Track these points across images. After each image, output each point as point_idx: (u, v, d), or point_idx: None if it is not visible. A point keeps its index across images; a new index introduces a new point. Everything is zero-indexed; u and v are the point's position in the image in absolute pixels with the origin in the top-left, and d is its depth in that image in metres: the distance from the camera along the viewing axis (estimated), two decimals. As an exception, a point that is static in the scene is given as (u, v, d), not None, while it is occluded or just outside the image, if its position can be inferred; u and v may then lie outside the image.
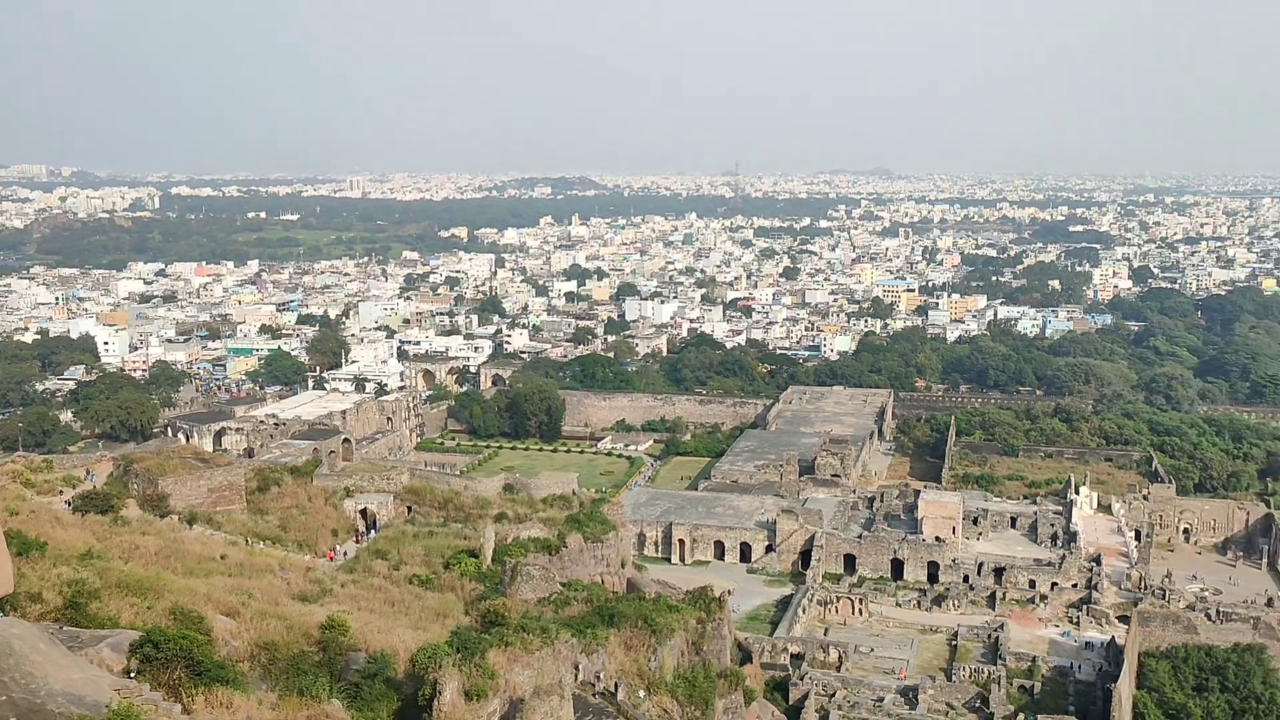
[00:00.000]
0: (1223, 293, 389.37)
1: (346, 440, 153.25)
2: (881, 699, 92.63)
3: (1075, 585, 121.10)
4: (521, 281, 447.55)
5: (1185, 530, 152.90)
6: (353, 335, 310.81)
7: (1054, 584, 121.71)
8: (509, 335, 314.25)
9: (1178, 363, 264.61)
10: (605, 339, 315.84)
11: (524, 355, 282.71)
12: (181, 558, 61.07)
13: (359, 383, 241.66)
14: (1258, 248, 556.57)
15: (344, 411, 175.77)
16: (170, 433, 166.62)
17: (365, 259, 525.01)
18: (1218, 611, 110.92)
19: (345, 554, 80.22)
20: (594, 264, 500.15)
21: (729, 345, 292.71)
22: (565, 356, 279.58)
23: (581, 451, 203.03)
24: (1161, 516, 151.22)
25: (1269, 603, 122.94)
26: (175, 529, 70.22)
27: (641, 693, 59.90)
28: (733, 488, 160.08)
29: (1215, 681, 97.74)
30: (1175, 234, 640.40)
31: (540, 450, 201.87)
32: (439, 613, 60.33)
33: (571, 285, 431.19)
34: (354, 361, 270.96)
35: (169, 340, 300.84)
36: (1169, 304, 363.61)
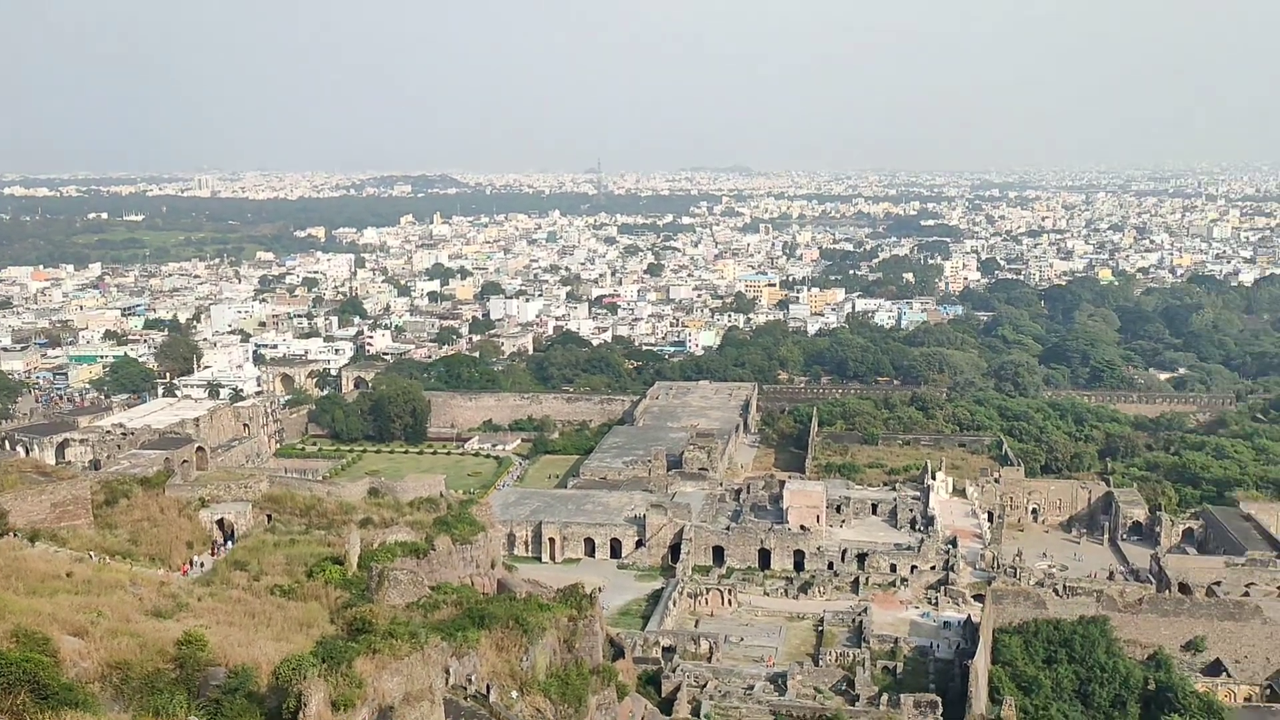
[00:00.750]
0: (1063, 283, 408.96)
1: (200, 449, 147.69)
2: (752, 687, 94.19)
3: (934, 567, 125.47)
4: (383, 282, 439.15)
5: (1034, 510, 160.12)
6: (205, 340, 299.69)
7: (914, 567, 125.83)
8: (371, 337, 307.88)
9: (1024, 350, 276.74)
10: (470, 338, 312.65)
11: (387, 357, 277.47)
12: (23, 577, 57.91)
13: (213, 389, 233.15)
14: (1094, 239, 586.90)
15: (197, 419, 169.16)
16: (8, 446, 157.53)
17: (217, 260, 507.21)
18: (1064, 586, 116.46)
19: (202, 566, 77.32)
20: (457, 263, 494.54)
21: (595, 342, 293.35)
22: (429, 357, 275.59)
23: (448, 453, 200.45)
24: (1012, 498, 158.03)
25: (1110, 576, 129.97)
26: (16, 547, 66.46)
27: (514, 693, 59.45)
28: (602, 484, 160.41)
29: (1063, 653, 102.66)
30: (1019, 227, 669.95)
31: (406, 453, 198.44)
32: (303, 623, 58.68)
33: (434, 285, 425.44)
34: (207, 367, 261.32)
35: (4, 348, 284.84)
36: (1015, 294, 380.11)
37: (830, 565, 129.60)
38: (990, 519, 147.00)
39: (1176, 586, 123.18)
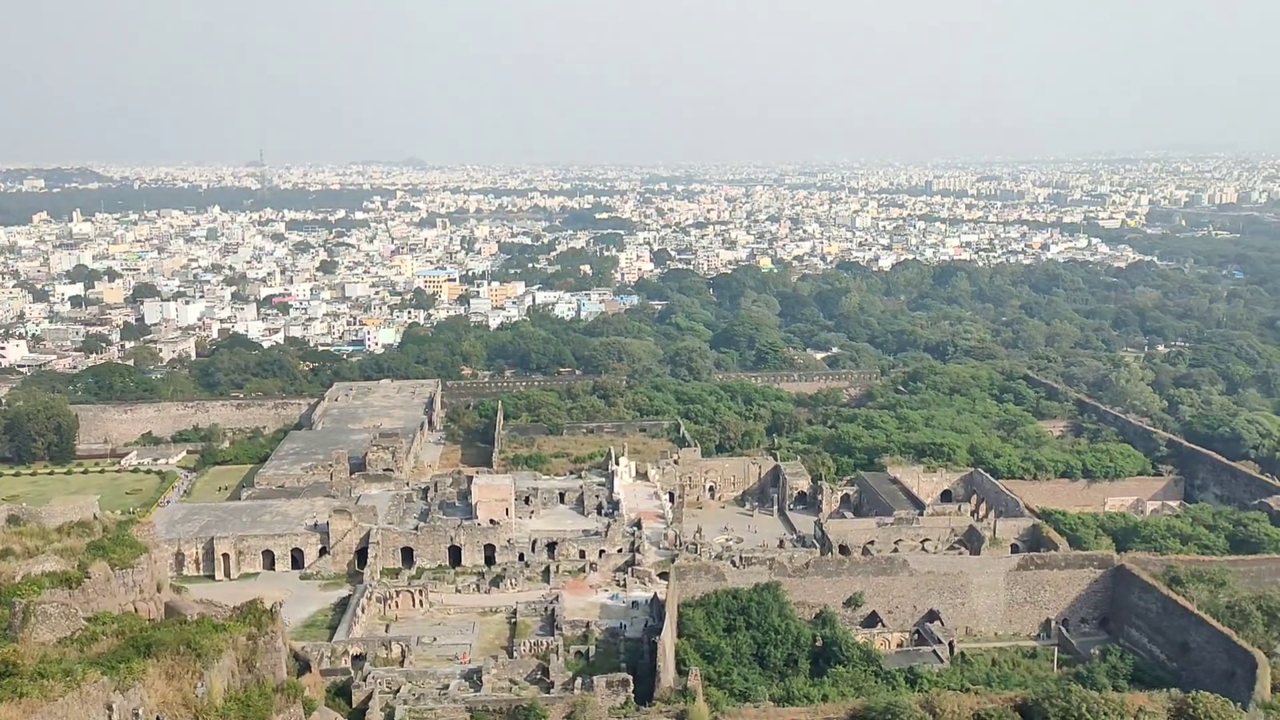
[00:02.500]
0: (729, 271, 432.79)
1: None
2: (446, 686, 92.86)
3: (620, 550, 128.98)
4: (14, 286, 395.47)
5: (711, 488, 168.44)
6: None
7: (602, 551, 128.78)
8: (3, 347, 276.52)
9: (696, 337, 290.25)
10: (123, 345, 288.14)
11: (23, 369, 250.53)
12: None
13: None
14: (754, 230, 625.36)
15: None
16: None
17: None
18: (741, 558, 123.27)
19: None
20: (103, 264, 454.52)
21: (266, 345, 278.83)
22: (75, 367, 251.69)
23: (102, 471, 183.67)
24: (691, 478, 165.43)
25: (780, 544, 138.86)
26: None
27: (188, 724, 55.17)
28: (280, 493, 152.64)
29: (741, 620, 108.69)
30: (687, 219, 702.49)
31: (51, 474, 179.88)
32: (-72, 676, 51.35)
33: (77, 288, 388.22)
34: None
35: None
36: (686, 283, 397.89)
37: (521, 557, 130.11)
38: (672, 499, 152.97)
39: (837, 549, 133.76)
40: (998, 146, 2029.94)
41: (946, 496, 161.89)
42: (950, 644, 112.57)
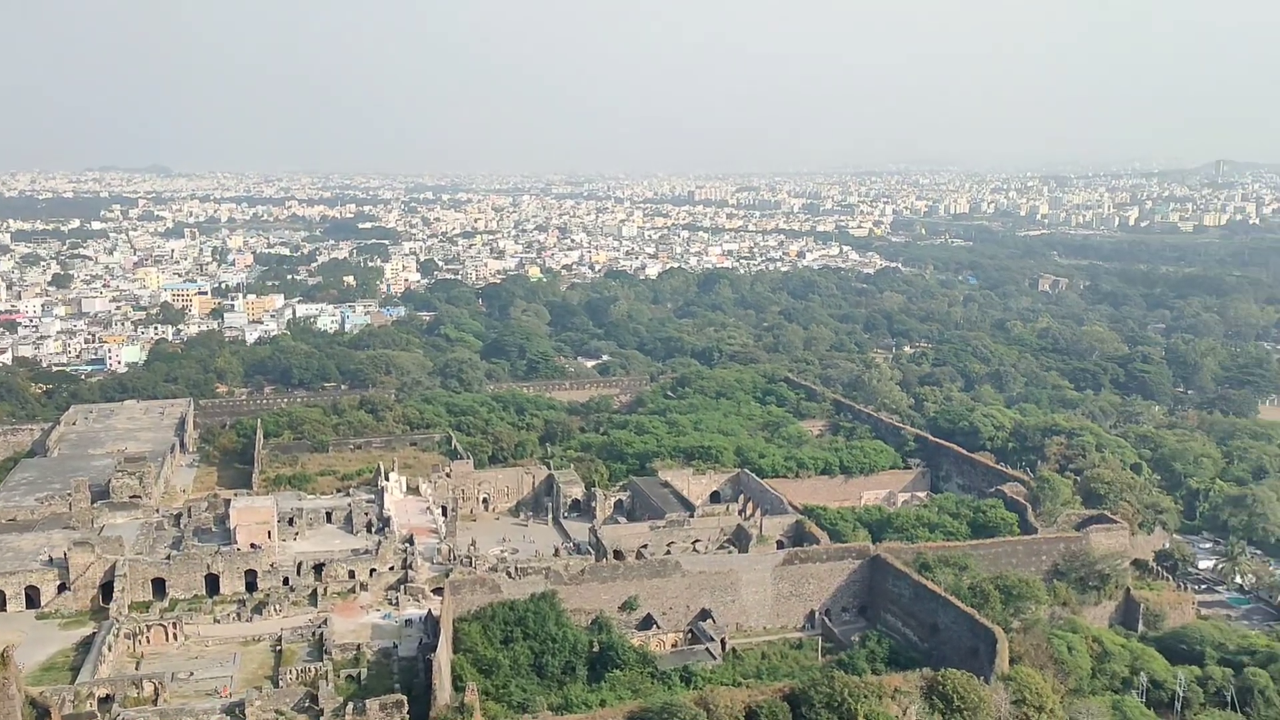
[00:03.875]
0: (498, 281, 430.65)
1: None
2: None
3: (392, 568, 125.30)
4: None
5: (485, 499, 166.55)
6: None
7: (373, 570, 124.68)
8: None
9: (466, 347, 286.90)
10: None
11: None
12: None
13: None
14: (522, 240, 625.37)
15: None
16: None
17: None
18: (516, 568, 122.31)
19: None
20: None
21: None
22: None
23: None
24: (464, 490, 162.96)
25: (556, 553, 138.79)
26: None
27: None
28: (11, 527, 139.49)
29: (519, 631, 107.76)
30: (454, 229, 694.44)
31: None
32: None
33: None
34: None
35: None
36: (454, 294, 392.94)
37: (286, 581, 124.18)
38: (445, 513, 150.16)
39: (612, 554, 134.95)
40: (756, 158, 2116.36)
41: (716, 497, 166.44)
42: (722, 641, 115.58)
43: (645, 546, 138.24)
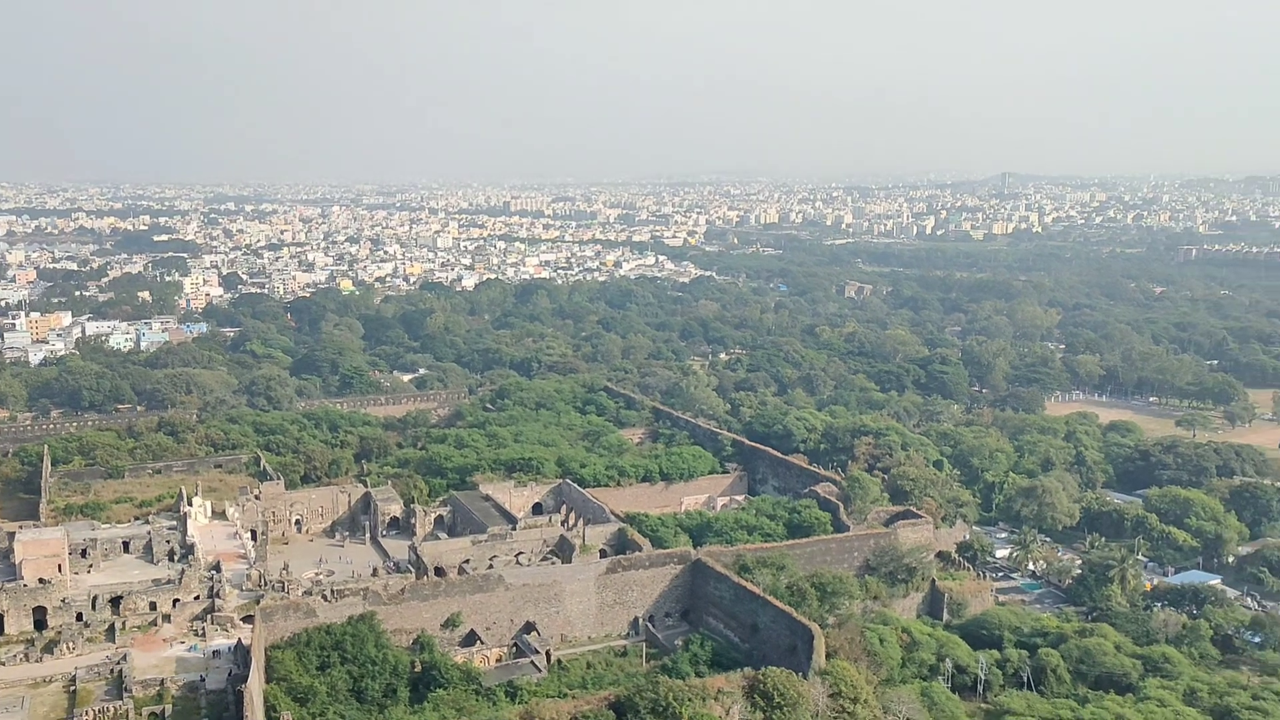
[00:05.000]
0: (308, 294, 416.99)
1: None
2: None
3: (198, 597, 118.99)
4: None
5: (298, 521, 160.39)
6: None
7: (176, 601, 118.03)
8: None
9: (275, 364, 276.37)
10: None
11: None
12: None
13: None
14: (333, 252, 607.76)
15: None
16: None
17: None
18: (332, 591, 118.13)
19: None
20: None
21: None
22: None
23: None
24: (274, 512, 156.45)
25: (374, 572, 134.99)
26: None
27: None
28: None
29: (336, 656, 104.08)
30: (259, 241, 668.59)
31: None
32: None
33: None
34: None
35: None
36: (260, 308, 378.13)
37: (80, 616, 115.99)
38: (254, 537, 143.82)
39: (433, 571, 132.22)
40: (570, 169, 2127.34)
41: (538, 509, 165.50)
42: (547, 653, 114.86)
43: (467, 562, 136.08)
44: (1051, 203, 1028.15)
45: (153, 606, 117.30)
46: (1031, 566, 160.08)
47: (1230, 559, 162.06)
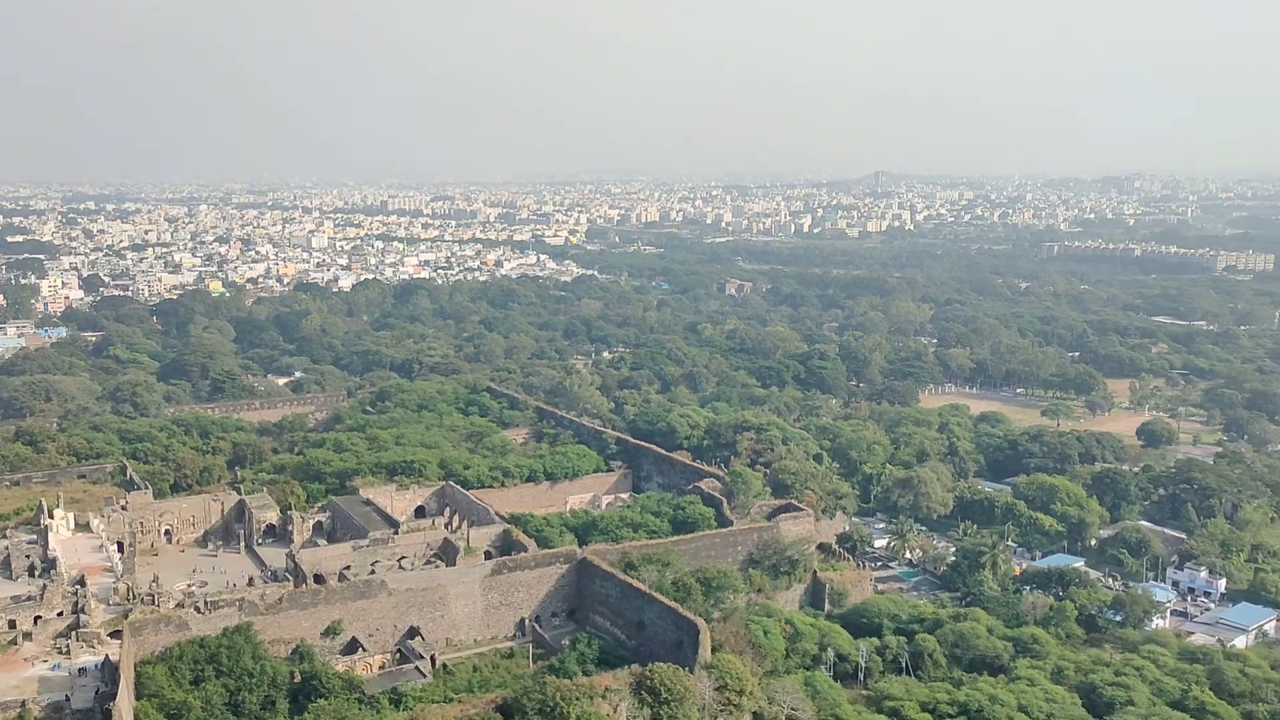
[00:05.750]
0: (175, 296, 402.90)
1: None
2: None
3: (61, 613, 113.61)
4: None
5: (168, 531, 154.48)
6: None
7: (37, 618, 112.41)
8: None
9: (141, 369, 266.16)
10: None
11: None
12: None
13: None
14: (201, 252, 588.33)
15: None
16: None
17: None
18: (206, 603, 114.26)
19: None
20: None
21: None
22: None
23: None
24: (143, 523, 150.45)
25: (250, 582, 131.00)
26: None
27: None
28: None
29: (210, 669, 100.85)
30: (122, 241, 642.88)
31: None
32: None
33: None
34: None
35: None
36: (124, 311, 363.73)
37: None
38: (121, 549, 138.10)
39: (312, 578, 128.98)
40: (450, 168, 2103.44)
41: (421, 512, 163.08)
42: (432, 658, 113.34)
43: (348, 568, 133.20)
44: (923, 201, 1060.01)
45: (12, 625, 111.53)
46: (908, 555, 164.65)
47: (1093, 542, 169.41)
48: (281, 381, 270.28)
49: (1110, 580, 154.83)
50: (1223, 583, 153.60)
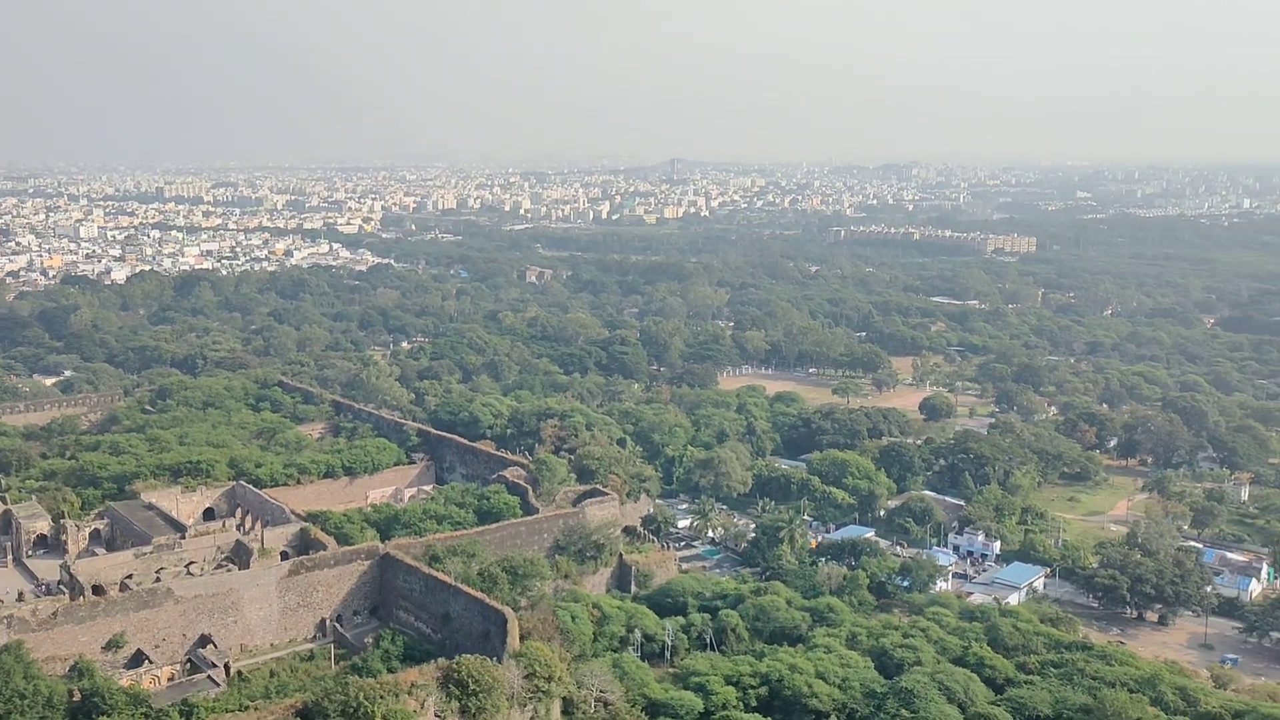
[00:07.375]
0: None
1: None
2: None
3: None
4: None
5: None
6: None
7: None
8: None
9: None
10: None
11: None
12: None
13: None
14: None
15: None
16: None
17: None
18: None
19: None
20: None
21: None
22: None
23: None
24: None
25: (20, 597, 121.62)
26: None
27: None
28: None
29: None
30: None
31: None
32: None
33: None
34: None
35: None
36: None
37: None
38: None
39: (90, 590, 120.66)
40: (232, 153, 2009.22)
41: (210, 514, 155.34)
42: (226, 665, 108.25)
43: (130, 577, 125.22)
44: (717, 188, 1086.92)
45: None
46: (711, 534, 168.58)
47: (881, 512, 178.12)
48: (49, 382, 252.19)
49: (898, 548, 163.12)
50: (997, 545, 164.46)
